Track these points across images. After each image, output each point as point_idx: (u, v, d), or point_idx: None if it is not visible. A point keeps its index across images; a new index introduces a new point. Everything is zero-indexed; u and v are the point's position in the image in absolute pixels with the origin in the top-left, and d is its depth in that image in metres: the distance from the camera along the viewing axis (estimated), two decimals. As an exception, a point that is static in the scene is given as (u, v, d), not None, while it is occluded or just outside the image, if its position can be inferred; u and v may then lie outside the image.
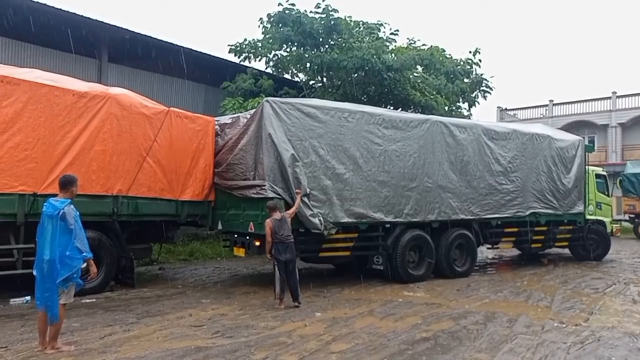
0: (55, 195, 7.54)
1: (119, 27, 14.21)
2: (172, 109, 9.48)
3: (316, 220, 8.59)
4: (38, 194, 7.46)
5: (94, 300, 7.80)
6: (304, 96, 16.11)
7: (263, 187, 8.44)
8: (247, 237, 9.11)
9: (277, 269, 7.69)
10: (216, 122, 10.20)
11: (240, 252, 9.44)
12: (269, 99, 8.78)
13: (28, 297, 7.46)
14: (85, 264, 5.35)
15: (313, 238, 8.83)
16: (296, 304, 7.55)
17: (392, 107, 17.17)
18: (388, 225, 9.80)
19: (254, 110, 9.12)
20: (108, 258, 8.44)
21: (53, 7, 12.48)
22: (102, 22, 13.78)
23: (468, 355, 5.43)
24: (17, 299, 7.42)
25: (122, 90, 9.07)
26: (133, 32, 14.47)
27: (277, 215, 7.71)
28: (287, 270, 7.57)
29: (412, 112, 16.28)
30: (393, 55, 16.84)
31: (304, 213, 8.47)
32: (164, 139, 9.16)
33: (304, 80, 18.07)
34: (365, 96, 17.39)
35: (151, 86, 16.12)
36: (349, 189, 9.24)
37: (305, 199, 8.54)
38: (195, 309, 7.34)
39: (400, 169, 9.94)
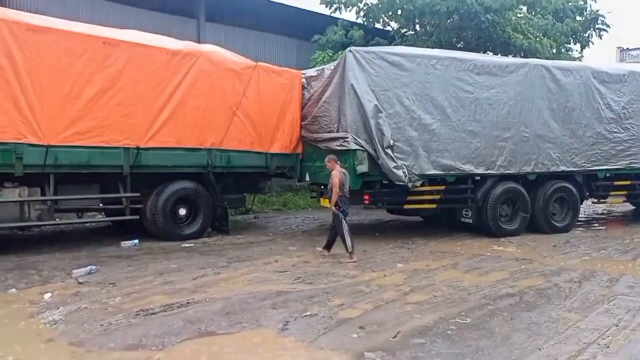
0: (156, 149, 8.34)
1: (215, -15, 14.62)
2: (259, 63, 9.68)
3: (400, 172, 8.43)
4: (141, 148, 8.14)
5: (192, 244, 8.48)
6: (395, 45, 15.53)
7: (346, 139, 8.42)
8: (333, 189, 9.22)
9: (343, 221, 7.38)
10: (303, 76, 10.25)
11: (326, 203, 9.57)
12: (352, 48, 8.60)
13: (136, 241, 8.31)
14: None
15: (397, 190, 8.73)
16: (327, 252, 7.65)
17: (491, 53, 15.99)
18: (478, 178, 9.36)
19: (337, 61, 9.01)
20: (205, 207, 9.06)
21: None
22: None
23: (555, 314, 5.12)
24: (127, 242, 8.26)
25: (212, 47, 9.42)
26: (226, -11, 14.82)
27: (340, 167, 7.57)
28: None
29: (513, 57, 15.04)
30: (492, -6, 15.48)
31: (388, 165, 8.35)
32: (252, 93, 9.43)
33: (395, 29, 17.38)
34: (461, 42, 16.35)
35: (246, 43, 16.51)
36: (436, 139, 8.92)
37: (389, 151, 8.39)
38: (281, 256, 7.69)
39: (493, 118, 9.35)
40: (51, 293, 5.54)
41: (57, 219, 8.34)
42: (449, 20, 15.39)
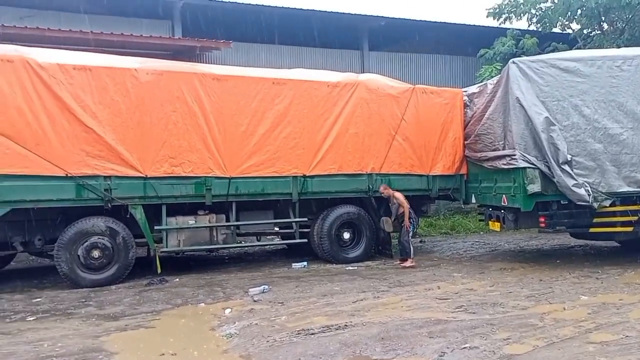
0: (320, 176, 8.82)
1: (375, 15, 15.16)
2: (417, 86, 9.63)
3: (582, 191, 7.45)
4: (307, 176, 8.70)
5: (356, 267, 8.65)
6: (578, 49, 13.95)
7: (514, 157, 7.78)
8: (502, 211, 8.56)
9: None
10: (465, 93, 9.86)
11: (495, 226, 8.95)
12: (516, 59, 7.99)
13: (305, 263, 8.81)
14: None
15: (580, 211, 7.73)
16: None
17: None
18: (690, 195, 7.76)
19: (500, 75, 8.45)
20: (367, 231, 9.21)
21: (315, 9, 14.22)
22: (361, 14, 14.94)
23: None
24: (297, 264, 8.80)
25: (369, 76, 9.69)
26: (388, 17, 15.21)
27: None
28: None
29: None
30: None
31: (565, 183, 7.45)
32: (411, 116, 9.39)
33: (576, 30, 15.63)
34: (665, 36, 13.91)
35: (408, 66, 16.63)
36: (627, 151, 7.71)
37: (566, 167, 7.49)
38: (444, 282, 7.36)
39: None
40: (231, 309, 6.18)
41: (240, 242, 9.34)
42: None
